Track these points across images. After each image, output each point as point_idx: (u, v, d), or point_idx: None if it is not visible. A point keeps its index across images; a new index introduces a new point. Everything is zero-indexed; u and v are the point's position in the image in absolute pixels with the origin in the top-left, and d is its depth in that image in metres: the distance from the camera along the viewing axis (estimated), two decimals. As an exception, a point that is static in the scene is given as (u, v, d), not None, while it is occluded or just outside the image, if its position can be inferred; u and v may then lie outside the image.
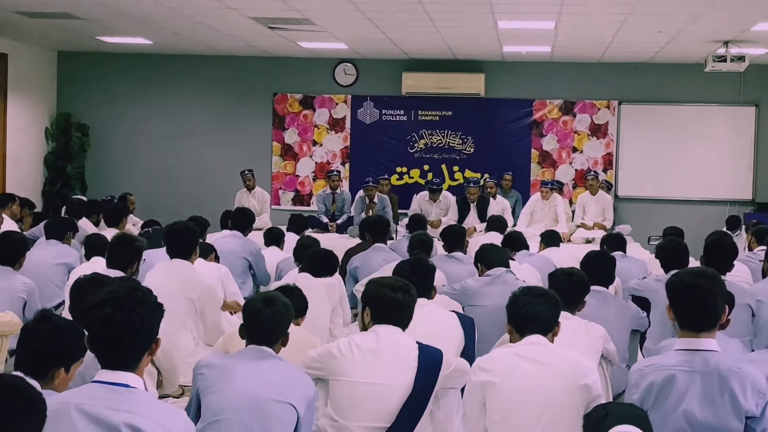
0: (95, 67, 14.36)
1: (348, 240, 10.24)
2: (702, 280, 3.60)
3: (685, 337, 3.59)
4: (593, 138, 13.73)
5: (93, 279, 4.15)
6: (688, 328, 3.61)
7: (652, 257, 7.91)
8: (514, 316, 3.91)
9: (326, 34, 11.46)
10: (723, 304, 3.65)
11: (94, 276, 4.15)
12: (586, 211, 12.00)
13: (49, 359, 3.22)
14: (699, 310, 3.58)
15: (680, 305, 3.62)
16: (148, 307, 2.96)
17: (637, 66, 13.45)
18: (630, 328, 5.67)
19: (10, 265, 6.05)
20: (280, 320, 3.75)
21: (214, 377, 3.61)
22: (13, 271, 6.08)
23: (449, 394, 4.00)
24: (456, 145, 13.97)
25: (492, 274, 5.98)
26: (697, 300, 3.58)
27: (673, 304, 3.65)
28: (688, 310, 3.60)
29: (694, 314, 3.59)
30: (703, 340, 3.57)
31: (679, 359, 3.55)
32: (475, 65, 13.59)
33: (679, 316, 3.63)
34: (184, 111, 14.34)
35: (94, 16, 10.70)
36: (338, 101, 14.10)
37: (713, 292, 3.58)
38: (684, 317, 3.62)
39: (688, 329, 3.60)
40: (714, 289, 3.59)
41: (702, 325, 3.59)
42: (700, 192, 13.53)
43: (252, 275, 7.93)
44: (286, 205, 14.05)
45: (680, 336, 3.63)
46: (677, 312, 3.63)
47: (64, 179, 14.11)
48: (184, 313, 5.57)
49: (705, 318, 3.59)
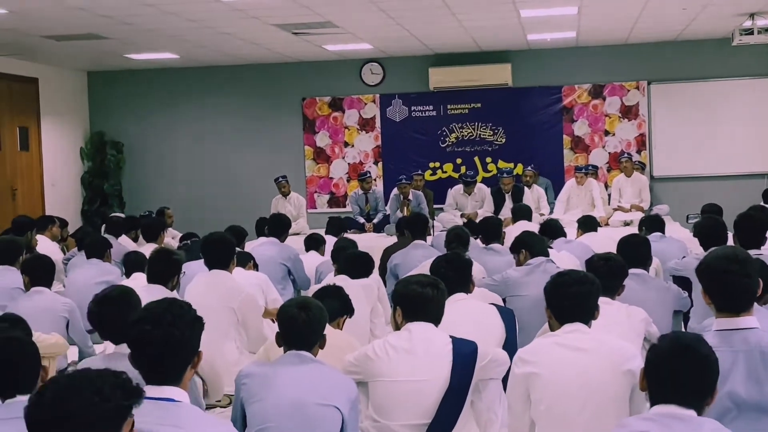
0: (125, 85, 14.52)
1: (386, 239, 10.26)
2: (731, 264, 3.57)
3: (723, 318, 3.58)
4: (624, 120, 13.64)
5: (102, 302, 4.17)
6: (725, 311, 3.58)
7: (691, 236, 7.85)
8: (554, 303, 3.88)
9: (350, 35, 11.49)
10: (756, 283, 3.61)
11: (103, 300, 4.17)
12: (622, 194, 11.93)
13: None
14: (733, 294, 3.56)
15: (714, 291, 3.61)
16: (186, 321, 3.00)
17: (664, 45, 13.34)
18: (672, 308, 5.63)
19: (45, 285, 6.13)
20: (316, 324, 3.77)
21: (256, 386, 3.64)
22: (50, 291, 6.15)
23: (489, 385, 4.00)
24: (487, 137, 13.95)
25: (533, 263, 5.99)
26: (729, 285, 3.55)
27: (707, 289, 3.64)
28: (722, 295, 3.58)
29: (729, 298, 3.57)
30: (742, 319, 3.54)
31: (718, 340, 3.52)
32: (501, 56, 13.55)
33: (715, 300, 3.61)
34: (215, 122, 14.45)
35: (119, 35, 10.81)
36: (367, 101, 14.13)
37: (745, 274, 3.55)
38: (719, 302, 3.60)
39: (725, 312, 3.58)
40: (744, 271, 3.56)
41: (739, 307, 3.56)
42: (735, 167, 13.38)
43: (292, 281, 7.97)
44: (322, 208, 14.11)
45: (717, 317, 3.61)
46: (712, 297, 3.62)
47: (102, 197, 14.28)
48: (226, 323, 5.61)
49: (740, 301, 3.57)
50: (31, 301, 5.88)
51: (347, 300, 4.84)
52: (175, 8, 9.24)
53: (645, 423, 2.89)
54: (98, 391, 2.25)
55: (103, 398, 2.25)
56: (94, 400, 2.24)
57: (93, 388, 2.26)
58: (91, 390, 2.25)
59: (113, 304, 4.06)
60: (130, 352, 3.01)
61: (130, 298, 4.12)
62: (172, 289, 5.59)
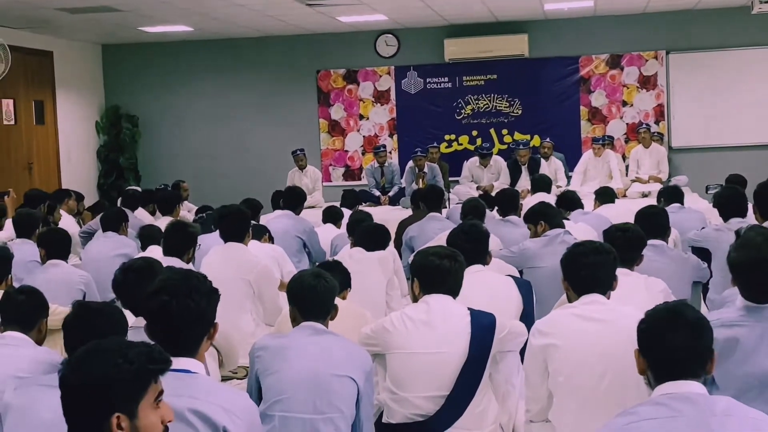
0: (139, 58, 14.50)
1: (401, 211, 10.24)
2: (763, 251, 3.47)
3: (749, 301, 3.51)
4: (643, 90, 13.52)
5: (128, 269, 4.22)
6: (752, 300, 3.49)
7: (710, 207, 7.79)
8: (571, 275, 3.84)
9: (364, 6, 11.41)
10: None
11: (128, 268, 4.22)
12: (640, 165, 11.86)
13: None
14: (764, 284, 3.46)
15: (744, 281, 3.50)
16: (203, 292, 3.00)
17: (682, 14, 13.18)
18: (691, 279, 5.60)
19: (62, 258, 6.15)
20: (331, 292, 3.77)
21: (271, 358, 3.63)
22: (66, 264, 6.17)
23: (507, 357, 3.99)
24: (503, 109, 13.86)
25: (550, 234, 5.96)
26: (761, 275, 3.45)
27: (737, 278, 3.54)
28: (753, 284, 3.48)
29: (760, 289, 3.47)
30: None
31: (744, 314, 3.46)
32: (517, 26, 13.44)
33: (744, 288, 3.51)
34: (229, 95, 14.42)
35: (133, 7, 10.78)
36: (381, 73, 14.05)
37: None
38: (749, 291, 3.50)
39: (752, 301, 3.49)
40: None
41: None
42: (755, 137, 13.26)
43: (307, 253, 7.96)
44: (337, 181, 14.08)
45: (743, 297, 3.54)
46: (743, 286, 3.51)
47: (118, 171, 14.30)
48: (242, 295, 5.61)
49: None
50: (48, 274, 5.90)
51: (347, 274, 4.84)
52: (188, -20, 9.20)
53: (654, 409, 2.67)
54: (123, 354, 2.34)
55: (127, 360, 2.32)
56: (118, 362, 2.32)
57: (119, 352, 2.34)
58: (116, 353, 2.34)
59: (137, 273, 4.09)
60: (146, 323, 3.01)
61: (153, 269, 4.13)
62: (187, 262, 5.58)
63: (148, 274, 4.04)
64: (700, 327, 2.82)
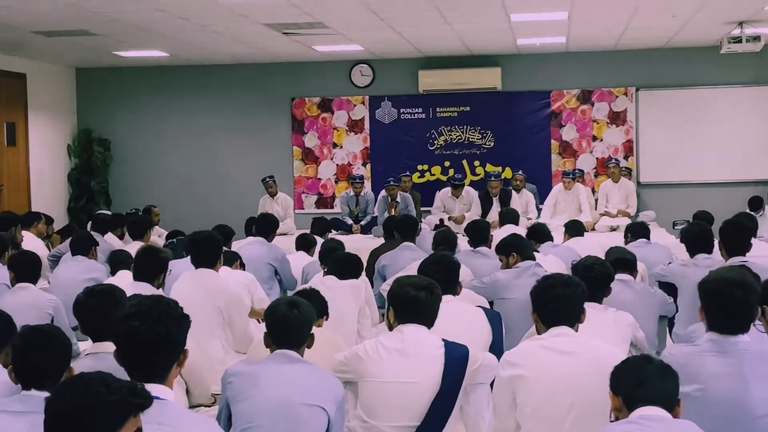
0: (113, 82, 14.48)
1: (373, 240, 10.26)
2: (737, 290, 3.60)
3: (715, 333, 3.65)
4: (612, 126, 13.68)
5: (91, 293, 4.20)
6: (718, 331, 3.64)
7: (677, 242, 7.89)
8: (540, 307, 3.89)
9: (340, 36, 11.48)
10: (756, 309, 3.69)
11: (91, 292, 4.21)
12: (609, 199, 11.97)
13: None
14: (733, 319, 3.62)
15: (713, 312, 3.65)
16: (173, 318, 3.00)
17: (652, 52, 13.38)
18: (658, 314, 5.67)
19: (31, 281, 6.11)
20: (305, 322, 3.77)
21: (242, 385, 3.63)
22: (35, 288, 6.13)
23: (478, 390, 4.00)
24: (476, 140, 13.97)
25: (521, 266, 6.00)
26: (732, 310, 3.61)
27: (706, 308, 3.68)
28: (721, 317, 3.63)
29: (727, 322, 3.62)
30: (734, 337, 3.62)
31: (708, 346, 3.62)
32: (491, 59, 13.57)
33: (711, 318, 3.66)
34: (203, 121, 14.42)
35: (109, 32, 10.77)
36: (356, 102, 14.13)
37: (749, 303, 3.62)
38: (716, 321, 3.64)
39: (718, 331, 3.64)
40: (750, 300, 3.62)
41: (733, 328, 3.62)
42: (722, 174, 13.44)
43: (278, 281, 7.96)
44: (309, 209, 14.09)
45: (708, 330, 3.66)
46: (709, 316, 3.66)
47: (88, 195, 14.24)
48: (212, 322, 5.59)
49: (737, 326, 3.62)
50: (17, 297, 5.86)
51: (325, 302, 4.85)
52: (165, 5, 9.22)
53: (626, 427, 2.97)
54: (106, 384, 2.38)
55: (109, 391, 2.36)
56: (99, 391, 2.35)
57: (102, 382, 2.38)
58: (100, 383, 2.38)
59: (99, 298, 4.07)
60: (116, 348, 3.00)
61: (116, 295, 4.12)
62: (158, 288, 5.56)
63: (110, 300, 4.04)
64: (668, 371, 3.14)
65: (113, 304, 3.94)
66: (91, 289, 4.21)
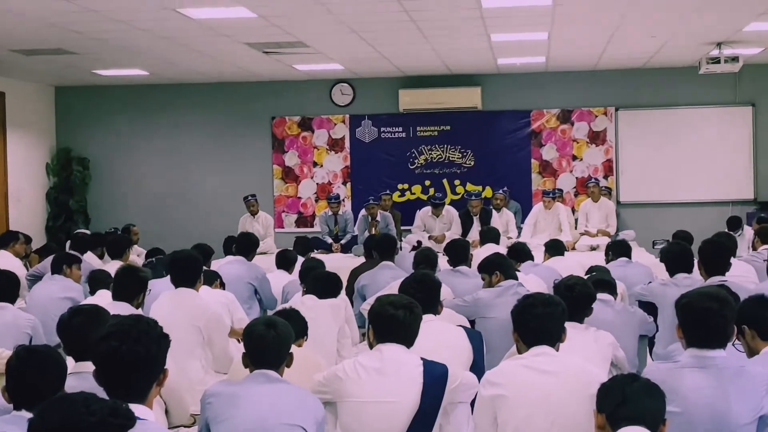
0: (93, 101, 14.43)
1: (353, 259, 10.24)
2: (713, 303, 3.65)
3: (694, 349, 3.68)
4: (592, 145, 13.75)
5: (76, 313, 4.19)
6: (696, 346, 3.68)
7: (657, 261, 7.92)
8: (521, 326, 3.90)
9: (321, 55, 11.50)
10: (732, 326, 3.74)
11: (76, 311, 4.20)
12: (589, 219, 12.00)
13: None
14: (710, 333, 3.66)
15: (690, 327, 3.69)
16: (153, 338, 2.99)
17: (632, 72, 13.48)
18: (638, 333, 5.68)
19: (9, 301, 6.06)
20: (283, 342, 3.75)
21: (222, 405, 3.60)
22: (13, 307, 6.08)
23: (458, 408, 3.99)
24: (456, 159, 14.00)
25: (503, 285, 5.99)
26: (708, 324, 3.65)
27: (683, 325, 3.71)
28: (698, 332, 3.67)
29: (704, 337, 3.66)
30: (712, 352, 3.66)
31: (687, 361, 3.65)
32: (471, 79, 13.63)
33: (688, 336, 3.70)
34: (184, 139, 14.39)
35: (88, 51, 10.75)
36: (336, 121, 14.14)
37: (724, 316, 3.66)
38: (693, 338, 3.69)
39: (696, 347, 3.67)
40: (725, 313, 3.66)
41: (711, 343, 3.66)
42: (701, 194, 13.53)
43: (258, 300, 7.93)
44: (289, 228, 14.07)
45: (687, 347, 3.69)
46: (687, 332, 3.70)
47: (67, 214, 14.15)
48: (191, 342, 5.56)
49: (714, 340, 3.67)
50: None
51: (304, 322, 4.83)
52: (146, 25, 9.21)
53: None
54: (86, 405, 2.38)
55: (89, 412, 2.36)
56: (80, 411, 2.36)
57: (83, 403, 2.38)
58: (81, 404, 2.38)
59: (84, 317, 4.05)
60: (95, 368, 2.98)
61: (101, 315, 4.10)
62: (137, 307, 5.53)
63: (95, 320, 4.01)
64: (654, 390, 3.19)
65: (97, 323, 3.91)
66: (75, 309, 4.20)
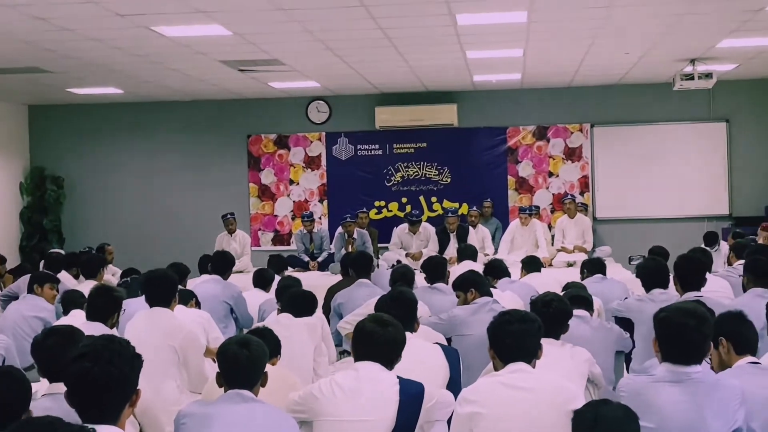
0: (67, 119, 14.35)
1: (330, 277, 10.20)
2: (690, 319, 3.68)
3: (669, 364, 3.70)
4: (568, 161, 13.80)
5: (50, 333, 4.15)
6: (672, 361, 3.70)
7: (633, 277, 7.93)
8: (497, 343, 3.88)
9: (296, 73, 11.49)
10: (709, 341, 3.78)
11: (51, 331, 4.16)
12: (565, 235, 12.02)
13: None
14: (686, 349, 3.68)
15: (667, 342, 3.71)
16: (126, 358, 2.96)
17: (607, 88, 13.56)
18: (614, 349, 5.68)
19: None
20: (258, 361, 3.72)
21: (195, 426, 3.57)
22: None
23: (435, 427, 3.97)
24: (432, 176, 14.01)
25: (479, 302, 5.98)
26: (685, 340, 3.67)
27: (659, 338, 3.74)
28: (674, 347, 3.70)
29: (680, 352, 3.69)
30: (688, 367, 3.68)
31: (663, 375, 3.68)
32: (447, 96, 13.66)
33: (664, 350, 3.72)
34: (159, 158, 14.33)
35: (62, 69, 10.69)
36: (312, 139, 14.13)
37: (702, 332, 3.69)
38: (669, 353, 3.71)
39: (672, 362, 3.70)
40: (703, 330, 3.69)
41: (687, 359, 3.69)
42: (677, 210, 13.60)
43: (234, 319, 7.88)
44: (266, 246, 14.02)
45: (662, 362, 3.70)
46: (663, 347, 3.72)
47: (41, 233, 14.05)
48: (166, 362, 5.51)
49: (691, 356, 3.69)
50: (-33, 339, 5.74)
51: (277, 341, 4.80)
52: (120, 43, 9.17)
53: None
54: (54, 429, 2.39)
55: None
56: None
57: (50, 428, 2.40)
58: (48, 429, 2.40)
59: (59, 338, 4.01)
60: (67, 389, 2.94)
61: (75, 336, 4.06)
62: (111, 327, 5.48)
63: (69, 341, 3.96)
64: (627, 411, 3.27)
65: (72, 344, 3.86)
66: (50, 330, 4.17)
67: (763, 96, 13.45)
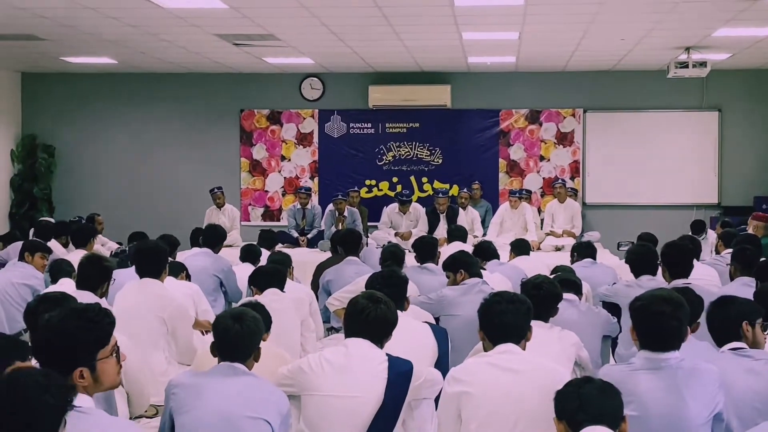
0: (60, 88, 14.29)
1: (319, 254, 10.23)
2: (666, 306, 3.71)
3: (647, 351, 3.75)
4: (560, 146, 13.82)
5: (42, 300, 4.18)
6: (650, 348, 3.73)
7: (622, 263, 7.98)
8: (487, 324, 3.90)
9: (291, 49, 11.47)
10: (686, 327, 3.80)
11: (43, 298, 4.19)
12: (554, 219, 12.06)
13: None
14: (662, 336, 3.72)
15: (644, 330, 3.75)
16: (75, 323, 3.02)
17: (600, 74, 13.57)
18: (601, 334, 5.72)
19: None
20: (251, 335, 3.73)
21: (186, 396, 3.58)
22: None
23: (422, 405, 4.00)
24: (424, 157, 14.02)
25: (468, 283, 6.01)
26: (661, 327, 3.71)
27: (636, 327, 3.78)
28: (651, 335, 3.74)
29: (657, 340, 3.73)
30: (666, 353, 3.72)
31: (641, 363, 3.73)
32: (441, 77, 13.65)
33: (642, 338, 3.76)
34: (151, 129, 14.29)
35: (57, 37, 10.64)
36: (305, 116, 14.11)
37: (678, 318, 3.72)
38: (646, 341, 3.75)
39: (650, 349, 3.74)
40: (679, 315, 3.72)
41: (664, 345, 3.72)
42: (666, 197, 13.65)
43: (223, 292, 7.89)
44: (256, 221, 14.02)
45: (641, 349, 3.77)
46: (640, 335, 3.77)
47: (31, 201, 14.01)
48: (155, 333, 5.53)
49: (668, 343, 3.72)
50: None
51: (268, 316, 4.81)
52: (116, 12, 9.13)
53: None
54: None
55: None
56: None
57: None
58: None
59: (51, 305, 4.03)
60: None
61: (68, 302, 4.08)
62: (101, 296, 5.47)
63: (61, 307, 3.98)
64: (609, 389, 3.24)
65: None
66: (42, 297, 4.20)
67: (756, 86, 13.48)
